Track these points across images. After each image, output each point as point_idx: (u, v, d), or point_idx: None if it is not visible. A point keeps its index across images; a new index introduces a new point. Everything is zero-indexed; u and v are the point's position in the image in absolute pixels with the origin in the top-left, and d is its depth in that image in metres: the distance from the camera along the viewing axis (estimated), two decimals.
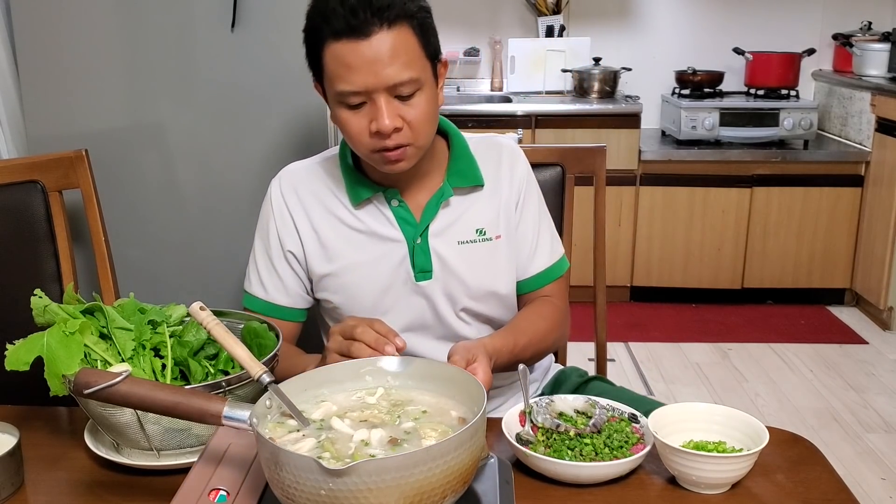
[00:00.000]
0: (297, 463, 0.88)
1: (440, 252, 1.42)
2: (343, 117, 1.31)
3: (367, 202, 1.42)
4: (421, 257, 1.42)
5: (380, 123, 1.27)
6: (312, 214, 1.44)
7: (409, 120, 1.29)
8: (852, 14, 4.32)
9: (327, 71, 1.30)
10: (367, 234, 1.42)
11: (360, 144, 1.32)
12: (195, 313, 1.12)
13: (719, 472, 1.08)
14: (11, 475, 1.11)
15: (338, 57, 1.26)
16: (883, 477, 2.70)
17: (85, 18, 2.00)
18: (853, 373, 3.46)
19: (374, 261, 1.42)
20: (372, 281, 1.42)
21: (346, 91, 1.27)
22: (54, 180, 1.76)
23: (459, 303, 1.45)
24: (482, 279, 1.45)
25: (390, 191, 1.42)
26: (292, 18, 1.98)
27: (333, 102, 1.33)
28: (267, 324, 1.29)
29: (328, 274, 1.44)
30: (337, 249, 1.43)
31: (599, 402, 1.23)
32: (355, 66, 1.25)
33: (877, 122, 3.84)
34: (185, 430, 1.14)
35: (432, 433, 1.00)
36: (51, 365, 1.14)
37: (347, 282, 1.43)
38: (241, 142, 2.07)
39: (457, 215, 1.44)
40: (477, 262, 1.44)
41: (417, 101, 1.29)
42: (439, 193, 1.42)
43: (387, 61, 1.25)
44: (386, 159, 1.32)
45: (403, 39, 1.26)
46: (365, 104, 1.28)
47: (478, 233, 1.44)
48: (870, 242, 3.90)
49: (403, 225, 1.42)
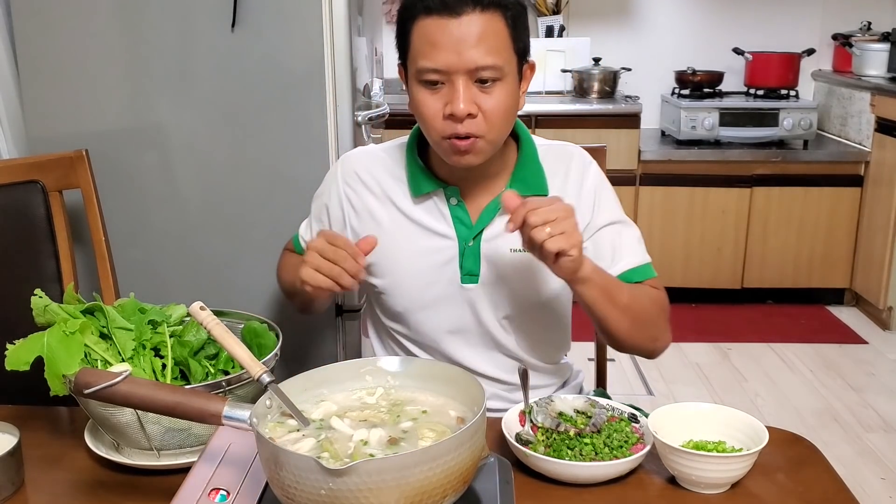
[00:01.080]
0: (298, 463, 0.88)
1: (491, 257, 1.40)
2: (419, 98, 1.31)
3: (426, 196, 1.41)
4: (470, 260, 1.40)
5: (454, 106, 1.26)
6: (370, 197, 1.45)
7: (484, 109, 1.27)
8: (852, 14, 4.32)
9: (413, 47, 1.29)
10: (421, 226, 1.42)
11: (432, 129, 1.31)
12: (195, 313, 1.12)
13: (719, 472, 1.08)
14: (12, 475, 1.11)
15: (425, 33, 1.26)
16: (883, 477, 2.70)
17: (85, 18, 2.00)
18: (853, 373, 3.46)
19: (422, 254, 1.41)
20: (418, 273, 1.42)
21: (427, 67, 1.26)
22: (54, 180, 1.76)
23: (502, 310, 1.43)
24: (530, 289, 1.42)
25: (451, 188, 1.41)
26: (292, 18, 1.98)
27: (413, 81, 1.32)
28: (267, 324, 1.29)
29: (376, 260, 1.43)
30: (389, 234, 1.42)
31: (599, 401, 1.23)
32: (440, 44, 1.25)
33: (876, 122, 3.84)
34: (185, 429, 1.14)
35: (430, 433, 1.00)
36: (51, 365, 1.14)
37: (395, 268, 1.43)
38: (241, 142, 2.07)
39: None
40: (527, 272, 1.40)
41: (496, 92, 1.28)
42: (498, 200, 1.38)
43: (472, 43, 1.24)
44: (455, 148, 1.30)
45: (493, 26, 1.25)
46: (443, 86, 1.28)
47: None
48: (869, 242, 3.90)
49: (458, 225, 1.40)
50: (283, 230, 2.12)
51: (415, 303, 1.43)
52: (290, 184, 2.08)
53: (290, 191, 2.09)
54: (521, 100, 1.36)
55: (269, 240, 2.13)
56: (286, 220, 2.11)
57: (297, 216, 2.10)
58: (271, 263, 2.14)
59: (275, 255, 2.13)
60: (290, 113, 2.04)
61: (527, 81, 1.36)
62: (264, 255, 2.13)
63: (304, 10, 1.97)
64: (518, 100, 1.34)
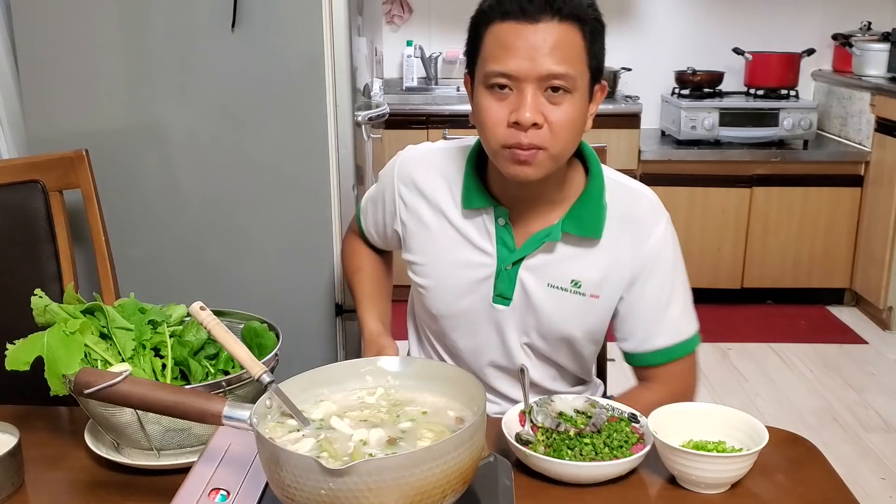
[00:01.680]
0: (298, 463, 0.88)
1: (527, 286, 1.37)
2: (484, 103, 1.26)
3: (476, 211, 1.38)
4: (505, 283, 1.38)
5: (520, 114, 1.21)
6: (422, 204, 1.43)
7: (551, 121, 1.23)
8: (852, 14, 4.32)
9: (484, 51, 1.26)
10: (466, 239, 1.40)
11: (493, 136, 1.26)
12: (195, 313, 1.12)
13: (719, 472, 1.08)
14: (12, 475, 1.11)
15: (499, 37, 1.23)
16: (883, 477, 2.70)
17: (85, 18, 2.00)
18: (853, 373, 3.46)
19: (462, 266, 1.40)
20: (454, 283, 1.41)
21: (496, 71, 1.23)
22: (55, 180, 1.76)
23: (527, 336, 1.41)
24: (560, 325, 1.39)
25: (502, 209, 1.36)
26: (292, 18, 1.98)
27: (479, 87, 1.27)
28: (267, 324, 1.29)
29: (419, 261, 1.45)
30: (435, 240, 1.42)
31: (599, 401, 1.23)
32: (513, 48, 1.21)
33: (876, 122, 3.84)
34: (185, 429, 1.14)
35: (429, 434, 1.00)
36: (51, 365, 1.14)
37: (436, 272, 1.43)
38: (241, 141, 2.07)
39: (557, 259, 1.36)
40: (561, 309, 1.37)
41: (565, 105, 1.23)
42: (547, 232, 1.35)
43: (546, 50, 1.21)
44: (515, 157, 1.25)
45: (569, 37, 1.22)
46: (510, 93, 1.23)
47: (573, 283, 1.36)
48: (869, 242, 3.90)
49: (501, 246, 1.37)
50: (283, 230, 2.12)
51: (448, 309, 1.43)
52: (290, 183, 2.08)
53: (291, 191, 2.09)
54: (589, 122, 1.31)
55: (269, 240, 2.13)
56: (286, 220, 2.12)
57: (297, 216, 2.11)
58: (271, 263, 2.14)
59: (275, 255, 2.14)
60: (290, 113, 2.04)
61: (596, 103, 1.31)
62: (264, 255, 2.14)
63: (304, 10, 1.97)
64: (586, 119, 1.29)
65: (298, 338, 1.97)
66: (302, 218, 2.10)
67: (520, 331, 1.41)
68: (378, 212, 1.52)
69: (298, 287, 2.13)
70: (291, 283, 2.13)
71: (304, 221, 2.10)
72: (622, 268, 1.36)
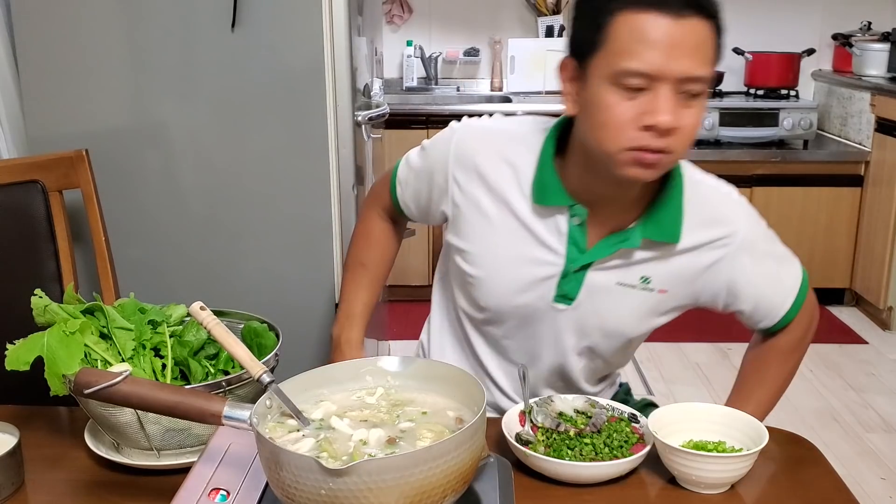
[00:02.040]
0: (298, 463, 0.88)
1: (594, 287, 1.29)
2: (608, 101, 1.13)
3: (549, 208, 1.28)
4: (571, 284, 1.29)
5: (659, 118, 1.10)
6: (482, 192, 1.31)
7: (682, 125, 1.13)
8: (852, 14, 4.32)
9: (614, 43, 1.12)
10: (534, 235, 1.29)
11: (616, 138, 1.14)
12: (195, 313, 1.12)
13: (719, 472, 1.08)
14: (12, 475, 1.11)
15: (636, 29, 1.10)
16: (883, 477, 2.70)
17: (85, 18, 2.00)
18: (853, 373, 3.46)
19: (525, 262, 1.30)
20: (514, 279, 1.31)
21: (633, 70, 1.10)
22: (55, 180, 1.76)
23: (587, 339, 1.35)
24: (623, 323, 1.33)
25: (579, 207, 1.26)
26: (292, 18, 1.98)
27: (602, 82, 1.14)
28: (267, 324, 1.29)
29: (471, 249, 1.33)
30: (495, 230, 1.31)
31: (599, 401, 1.23)
32: (655, 43, 1.09)
33: (876, 122, 3.84)
34: (185, 429, 1.14)
35: (428, 434, 1.00)
36: (51, 365, 1.14)
37: (492, 264, 1.32)
38: (241, 142, 2.07)
39: (630, 261, 1.29)
40: (627, 307, 1.31)
41: (696, 108, 1.14)
42: (623, 237, 1.26)
43: (689, 51, 1.10)
44: (640, 160, 1.14)
45: (708, 37, 1.13)
46: (643, 93, 1.12)
47: (642, 280, 1.30)
48: (869, 242, 3.90)
49: (571, 246, 1.28)
50: (283, 230, 2.12)
51: (500, 304, 1.33)
52: (290, 183, 2.08)
53: (291, 191, 2.09)
54: None
55: (269, 240, 2.13)
56: (286, 220, 2.12)
57: (297, 216, 2.11)
58: (271, 263, 2.14)
59: (275, 255, 2.14)
60: (290, 113, 2.04)
61: None
62: (264, 255, 2.14)
63: (304, 10, 1.97)
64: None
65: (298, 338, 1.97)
66: (302, 218, 2.10)
67: (579, 333, 1.34)
68: (422, 187, 1.39)
69: (298, 287, 2.13)
70: (291, 283, 2.13)
71: (304, 221, 2.10)
72: (700, 268, 1.30)
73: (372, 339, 2.46)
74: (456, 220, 1.35)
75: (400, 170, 1.44)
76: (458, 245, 1.36)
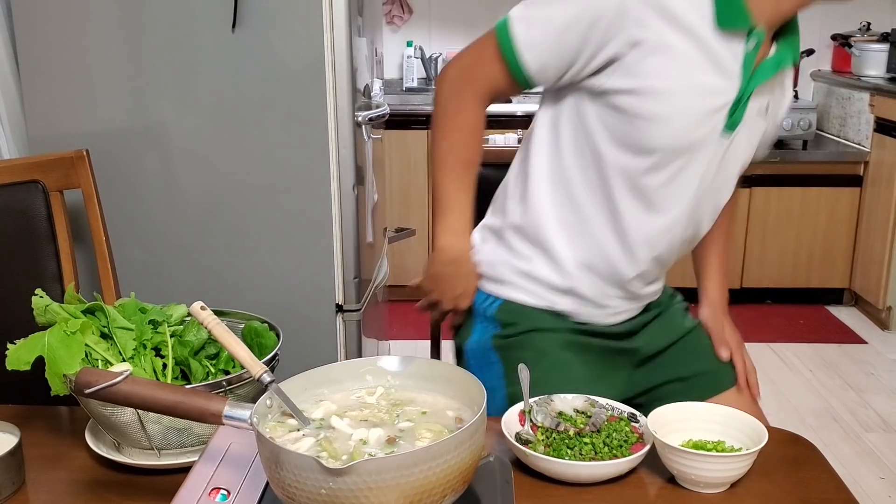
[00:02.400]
0: (298, 462, 0.88)
1: (749, 114, 1.30)
2: None
3: (730, 32, 1.24)
4: (740, 112, 1.28)
5: None
6: (665, 27, 1.23)
7: None
8: (851, 14, 4.32)
9: None
10: (714, 61, 1.25)
11: None
12: (196, 313, 1.12)
13: (718, 472, 1.08)
14: (12, 474, 1.11)
15: None
16: (882, 476, 2.70)
17: (86, 18, 2.00)
18: (852, 372, 3.46)
19: (701, 92, 1.26)
20: (692, 110, 1.27)
21: None
22: (55, 180, 1.77)
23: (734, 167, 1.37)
24: (747, 156, 1.38)
25: (759, 31, 1.24)
26: (292, 18, 1.99)
27: None
28: (267, 323, 1.30)
29: (655, 86, 1.25)
30: (680, 62, 1.24)
31: (599, 401, 1.23)
32: None
33: (875, 123, 3.84)
34: (185, 429, 1.14)
35: (427, 433, 1.00)
36: (52, 364, 1.14)
37: (670, 99, 1.25)
38: (242, 142, 2.07)
39: (772, 86, 1.33)
40: (757, 135, 1.37)
41: None
42: (779, 59, 1.30)
43: None
44: None
45: None
46: None
47: (766, 106, 1.34)
48: (868, 242, 3.90)
49: (745, 71, 1.26)
50: (283, 230, 2.13)
51: (676, 141, 1.27)
52: (290, 183, 2.08)
53: (291, 191, 2.09)
54: None
55: (269, 240, 2.14)
56: (286, 220, 2.12)
57: (297, 216, 2.11)
58: (271, 263, 2.15)
59: (275, 255, 2.14)
60: (290, 113, 2.04)
61: None
62: (264, 255, 2.14)
63: (304, 10, 1.98)
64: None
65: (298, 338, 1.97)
66: (302, 218, 2.11)
67: (725, 166, 1.35)
68: (573, 39, 1.26)
69: (298, 287, 2.13)
70: (291, 283, 2.13)
71: (304, 221, 2.10)
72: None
73: (372, 339, 2.46)
74: (625, 59, 1.25)
75: (519, 35, 1.33)
76: (629, 86, 1.25)
